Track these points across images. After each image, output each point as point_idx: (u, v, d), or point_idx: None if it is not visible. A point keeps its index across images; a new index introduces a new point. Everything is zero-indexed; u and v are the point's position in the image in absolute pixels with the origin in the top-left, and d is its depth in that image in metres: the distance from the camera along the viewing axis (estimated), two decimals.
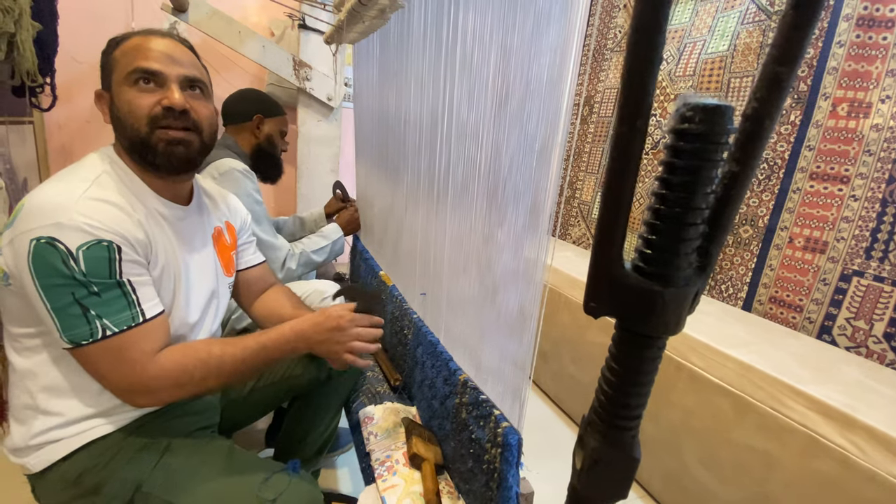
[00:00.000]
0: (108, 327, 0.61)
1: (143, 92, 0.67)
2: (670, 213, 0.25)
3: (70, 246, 0.58)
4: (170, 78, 0.69)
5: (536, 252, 0.65)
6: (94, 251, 0.60)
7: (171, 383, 0.66)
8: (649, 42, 0.22)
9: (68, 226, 0.58)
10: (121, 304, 0.62)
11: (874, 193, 1.22)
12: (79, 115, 2.13)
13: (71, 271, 0.58)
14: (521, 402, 0.69)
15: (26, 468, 0.67)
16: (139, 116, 0.67)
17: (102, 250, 0.60)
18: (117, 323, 0.62)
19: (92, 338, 0.60)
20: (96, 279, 0.60)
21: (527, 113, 0.66)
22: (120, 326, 0.62)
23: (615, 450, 0.30)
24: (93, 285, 0.60)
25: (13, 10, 1.18)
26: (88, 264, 0.59)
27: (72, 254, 0.58)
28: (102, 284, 0.61)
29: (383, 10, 1.08)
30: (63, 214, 0.59)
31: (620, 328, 0.29)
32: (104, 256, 0.61)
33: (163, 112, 0.68)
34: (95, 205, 0.62)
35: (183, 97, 0.69)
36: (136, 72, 0.67)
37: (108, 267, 0.61)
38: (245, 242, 0.98)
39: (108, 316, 0.61)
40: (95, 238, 0.60)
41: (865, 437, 0.87)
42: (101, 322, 0.61)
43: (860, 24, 1.25)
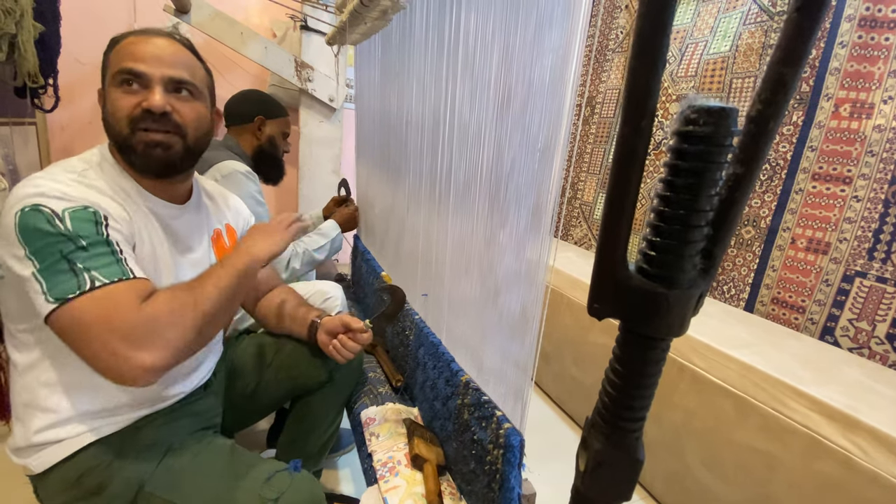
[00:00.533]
0: (97, 278, 0.57)
1: (126, 93, 0.67)
2: (674, 215, 0.25)
3: (55, 209, 0.58)
4: (153, 79, 0.67)
5: (538, 253, 0.65)
6: (79, 213, 0.59)
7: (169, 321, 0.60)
8: (654, 43, 0.22)
9: (52, 195, 0.59)
10: (108, 259, 0.60)
11: (876, 194, 1.22)
12: (81, 116, 2.14)
13: (57, 229, 0.57)
14: (523, 403, 0.69)
15: (28, 469, 0.67)
16: (120, 118, 0.67)
17: (88, 214, 0.60)
18: (107, 275, 0.58)
19: (79, 290, 0.56)
20: (84, 235, 0.58)
21: (529, 114, 0.66)
22: (110, 278, 0.58)
23: (619, 451, 0.30)
24: (80, 239, 0.58)
25: (14, 12, 1.19)
26: (75, 224, 0.58)
27: (57, 214, 0.58)
28: (90, 239, 0.59)
29: (385, 11, 1.08)
30: (46, 187, 0.59)
31: (624, 330, 0.29)
32: (90, 219, 0.60)
33: (142, 113, 0.67)
34: (79, 187, 0.63)
35: (164, 99, 0.68)
36: (122, 72, 0.67)
37: (95, 228, 0.60)
38: None
39: (96, 268, 0.58)
40: (81, 204, 0.60)
41: (868, 438, 0.87)
42: (89, 274, 0.57)
43: (862, 25, 1.25)
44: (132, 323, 0.58)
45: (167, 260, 0.74)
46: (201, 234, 0.83)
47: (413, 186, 1.11)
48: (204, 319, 0.64)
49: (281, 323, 1.01)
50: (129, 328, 0.57)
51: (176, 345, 0.61)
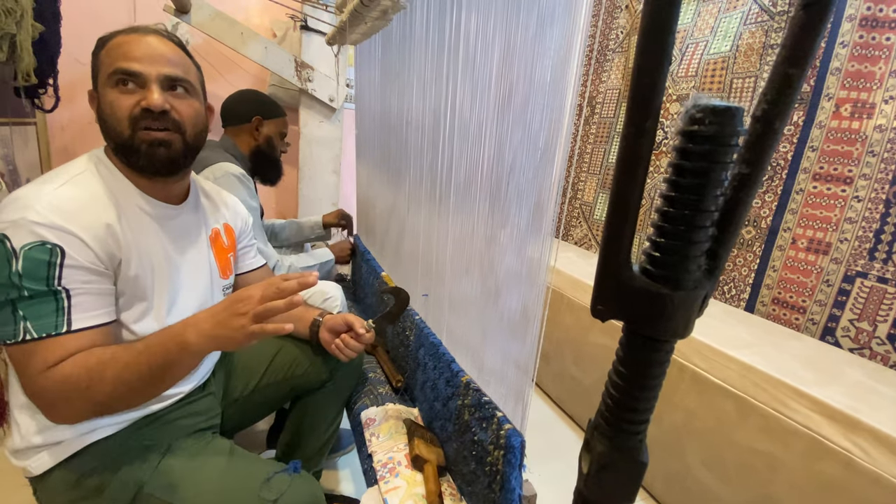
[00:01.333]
0: (29, 331, 0.59)
1: (123, 93, 0.67)
2: (679, 216, 0.25)
3: (15, 245, 0.58)
4: (150, 78, 0.67)
5: (539, 253, 0.64)
6: (34, 252, 0.59)
7: (60, 397, 0.60)
8: (659, 42, 0.22)
9: (20, 223, 0.58)
10: (48, 309, 0.60)
11: (877, 194, 1.22)
12: (81, 116, 2.13)
13: (9, 271, 0.58)
14: (523, 403, 0.69)
15: (28, 471, 0.67)
16: (120, 118, 0.67)
17: (43, 252, 0.59)
18: (38, 328, 0.59)
19: (14, 339, 0.59)
20: (30, 283, 0.59)
21: (530, 113, 0.65)
22: (39, 333, 0.59)
23: (622, 454, 0.30)
24: (24, 289, 0.58)
25: (15, 12, 1.18)
26: (25, 265, 0.58)
27: (15, 252, 0.58)
28: (34, 290, 0.59)
29: (385, 11, 1.07)
30: (22, 212, 0.59)
31: (628, 331, 0.29)
32: (43, 259, 0.59)
33: (141, 113, 0.67)
34: (59, 202, 0.62)
35: (162, 97, 0.67)
36: (117, 72, 0.66)
37: (47, 271, 0.59)
38: (246, 246, 0.98)
39: (32, 319, 0.59)
40: (40, 240, 0.59)
41: (869, 439, 0.86)
42: (24, 325, 0.59)
43: (863, 25, 1.25)
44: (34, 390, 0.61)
45: (164, 262, 0.73)
46: (199, 234, 0.83)
47: (413, 186, 1.11)
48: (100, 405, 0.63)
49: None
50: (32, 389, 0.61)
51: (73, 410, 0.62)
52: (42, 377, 0.59)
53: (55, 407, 0.61)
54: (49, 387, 0.60)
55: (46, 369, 0.59)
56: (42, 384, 0.60)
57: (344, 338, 0.92)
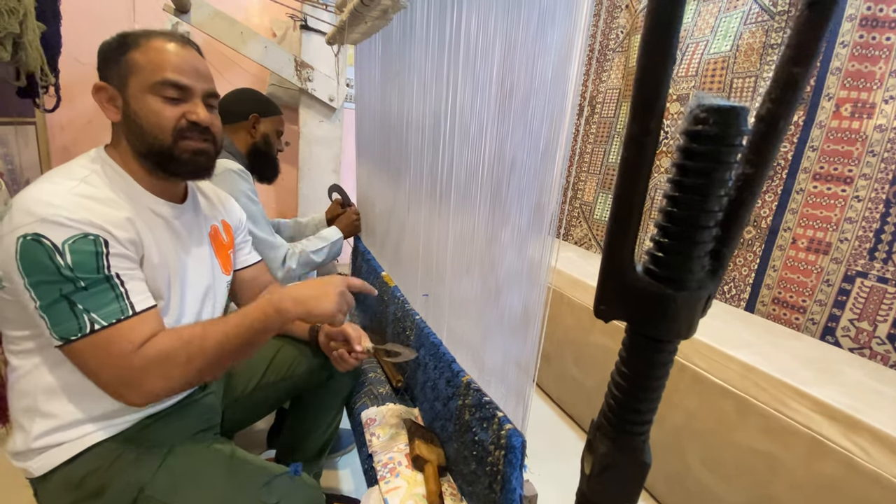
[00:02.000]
0: (97, 321, 0.60)
1: (168, 103, 0.69)
2: (683, 216, 0.25)
3: (55, 241, 0.58)
4: (196, 93, 0.71)
5: (540, 253, 0.64)
6: (80, 244, 0.59)
7: (157, 373, 0.62)
8: (663, 41, 0.22)
9: (53, 221, 0.58)
10: (108, 297, 0.61)
11: (878, 194, 1.22)
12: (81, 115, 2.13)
13: (57, 267, 0.58)
14: (524, 403, 0.69)
15: (29, 472, 0.67)
16: (165, 128, 0.69)
17: (88, 244, 0.60)
18: (105, 316, 0.60)
19: (80, 333, 0.59)
20: (83, 273, 0.59)
21: (530, 113, 0.65)
22: (108, 320, 0.60)
23: (625, 455, 0.30)
24: (80, 280, 0.59)
25: (18, 11, 1.18)
26: (75, 258, 0.58)
27: (58, 248, 0.58)
28: (90, 279, 0.59)
29: (386, 10, 1.07)
30: (47, 210, 0.58)
31: (631, 332, 0.29)
32: (90, 250, 0.60)
33: (188, 125, 0.71)
34: (81, 201, 0.62)
35: (206, 113, 0.72)
36: (166, 84, 0.68)
37: (96, 261, 0.60)
38: (241, 242, 0.98)
39: (96, 310, 0.60)
40: (81, 232, 0.59)
41: (869, 438, 0.86)
42: (88, 316, 0.59)
43: (864, 25, 1.25)
44: (126, 372, 0.61)
45: (174, 260, 0.74)
46: (201, 231, 0.83)
47: (414, 186, 1.11)
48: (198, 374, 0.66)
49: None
50: (123, 376, 0.62)
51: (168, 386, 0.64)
52: (135, 356, 0.61)
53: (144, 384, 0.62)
54: (145, 365, 0.61)
55: (136, 349, 0.61)
56: (136, 363, 0.61)
57: (342, 353, 0.93)
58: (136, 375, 0.62)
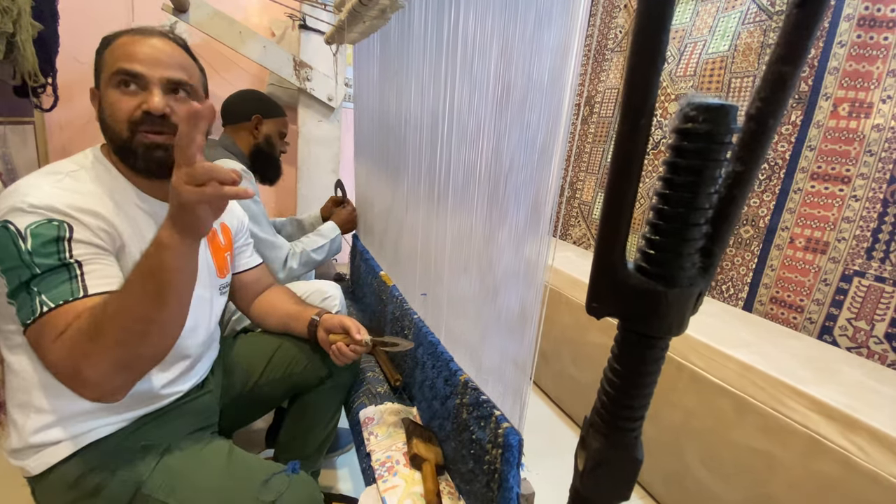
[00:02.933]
0: (45, 303, 0.57)
1: (124, 94, 0.66)
2: (674, 213, 0.25)
3: (20, 226, 0.58)
4: (151, 81, 0.67)
5: (537, 252, 0.65)
6: (41, 229, 0.58)
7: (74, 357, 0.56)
8: (653, 40, 0.22)
9: (20, 209, 0.58)
10: (61, 279, 0.59)
11: (875, 194, 1.22)
12: (80, 115, 2.13)
13: (19, 251, 0.57)
14: (521, 402, 0.69)
15: (26, 470, 0.67)
16: (119, 119, 0.66)
17: (51, 229, 0.59)
18: (53, 298, 0.58)
19: (33, 316, 0.57)
20: (41, 258, 0.58)
21: (528, 112, 0.65)
22: (56, 301, 0.57)
23: (618, 451, 0.30)
24: (36, 266, 0.58)
25: (11, 10, 1.18)
26: (34, 242, 0.58)
27: (21, 234, 0.58)
28: (46, 264, 0.58)
29: (384, 10, 1.07)
30: (17, 199, 0.59)
31: (623, 329, 0.29)
32: (52, 235, 0.59)
33: (142, 116, 0.66)
34: (55, 192, 0.62)
35: (164, 101, 0.67)
36: (119, 73, 0.66)
37: (56, 245, 0.59)
38: (242, 245, 0.98)
39: (46, 292, 0.58)
40: (45, 218, 0.59)
41: (867, 437, 0.86)
42: (40, 299, 0.57)
43: (861, 25, 1.25)
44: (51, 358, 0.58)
45: None
46: None
47: (412, 185, 1.11)
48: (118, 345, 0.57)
49: (279, 322, 1.01)
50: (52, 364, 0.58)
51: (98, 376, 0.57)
52: (55, 346, 0.57)
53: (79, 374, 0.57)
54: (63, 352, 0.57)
55: (58, 337, 0.57)
56: (57, 353, 0.57)
57: (340, 346, 0.92)
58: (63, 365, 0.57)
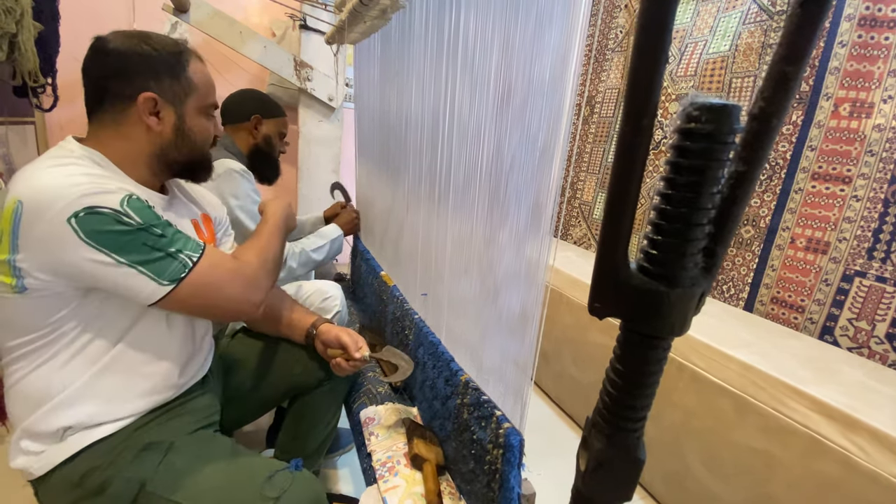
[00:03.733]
0: (191, 256, 0.65)
1: (209, 121, 0.80)
2: (676, 214, 0.25)
3: (112, 206, 0.60)
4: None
5: (538, 252, 0.64)
6: (133, 203, 0.62)
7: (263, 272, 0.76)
8: (655, 40, 0.22)
9: (94, 193, 0.59)
10: (181, 236, 0.67)
11: (876, 194, 1.22)
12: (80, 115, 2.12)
13: (129, 225, 0.61)
14: (522, 402, 0.69)
15: (29, 473, 0.67)
16: (206, 141, 0.80)
17: (138, 201, 0.63)
18: (194, 248, 0.66)
19: (186, 269, 0.64)
20: (153, 223, 0.63)
21: (529, 113, 0.65)
22: (197, 251, 0.66)
23: (620, 451, 0.30)
24: (154, 228, 0.63)
25: (14, 11, 1.18)
26: (139, 214, 0.62)
27: (119, 211, 0.60)
28: (159, 225, 0.64)
29: (385, 10, 1.07)
30: (79, 189, 0.58)
31: (625, 329, 0.29)
32: (143, 206, 0.63)
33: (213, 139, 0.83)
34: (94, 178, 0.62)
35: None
36: (212, 107, 0.80)
37: (150, 211, 0.64)
38: (223, 236, 0.98)
39: (183, 248, 0.65)
40: (126, 192, 0.62)
41: (868, 438, 0.86)
42: (183, 254, 0.65)
43: (862, 24, 1.25)
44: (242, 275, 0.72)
45: None
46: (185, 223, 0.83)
47: (412, 185, 1.11)
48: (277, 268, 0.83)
49: (277, 328, 1.00)
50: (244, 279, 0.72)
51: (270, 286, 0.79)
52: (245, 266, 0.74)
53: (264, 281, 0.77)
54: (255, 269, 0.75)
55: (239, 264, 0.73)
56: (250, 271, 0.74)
57: (339, 361, 0.92)
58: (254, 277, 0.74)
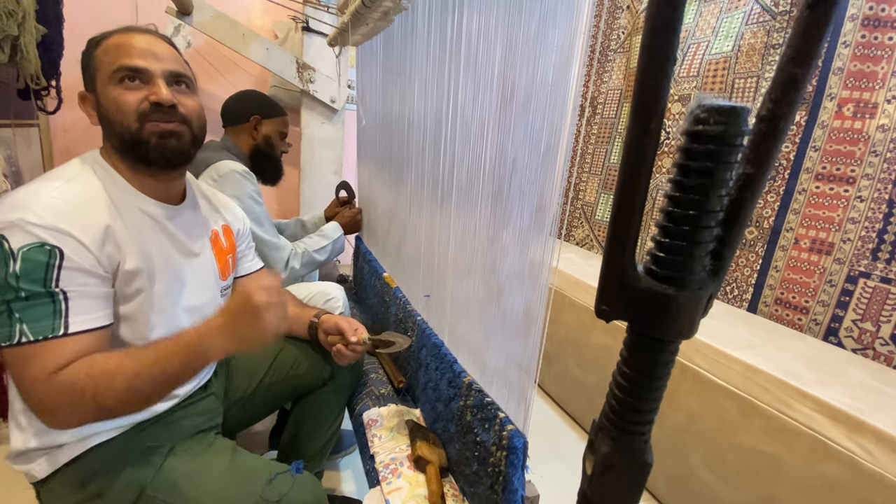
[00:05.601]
0: (25, 334, 0.58)
1: (129, 89, 0.67)
2: (684, 216, 0.25)
3: (14, 246, 0.58)
4: (155, 74, 0.68)
5: (542, 253, 0.64)
6: (32, 253, 0.58)
7: (66, 405, 0.59)
8: (664, 42, 0.22)
9: (18, 225, 0.58)
10: (45, 312, 0.59)
11: (880, 194, 1.22)
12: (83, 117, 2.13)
13: (6, 272, 0.57)
14: (526, 404, 0.69)
15: (32, 476, 0.67)
16: (127, 112, 0.67)
17: (42, 254, 0.59)
18: (35, 331, 0.58)
19: (9, 341, 0.57)
20: (27, 284, 0.58)
21: (532, 113, 0.65)
22: (36, 335, 0.58)
23: (627, 455, 0.30)
24: (21, 290, 0.58)
25: (16, 14, 1.19)
26: (23, 266, 0.57)
27: (13, 254, 0.57)
28: (31, 291, 0.58)
29: (387, 12, 1.08)
30: (20, 212, 0.58)
31: (633, 332, 0.29)
32: (41, 261, 0.58)
33: (151, 107, 0.67)
34: (56, 204, 0.61)
35: (170, 92, 0.69)
36: (121, 70, 0.67)
37: (44, 272, 0.59)
38: (245, 248, 0.98)
39: (28, 322, 0.58)
40: (39, 241, 0.58)
41: (873, 439, 0.86)
42: (20, 327, 0.58)
43: (866, 25, 1.25)
44: (36, 395, 0.59)
45: (163, 262, 0.73)
46: (201, 235, 0.82)
47: (415, 186, 1.11)
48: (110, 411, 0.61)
49: None
50: (32, 394, 0.59)
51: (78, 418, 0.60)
52: (44, 383, 0.58)
53: (56, 413, 0.59)
54: (52, 394, 0.58)
55: (48, 375, 0.58)
56: (44, 390, 0.58)
57: (339, 347, 0.93)
58: (45, 402, 0.59)
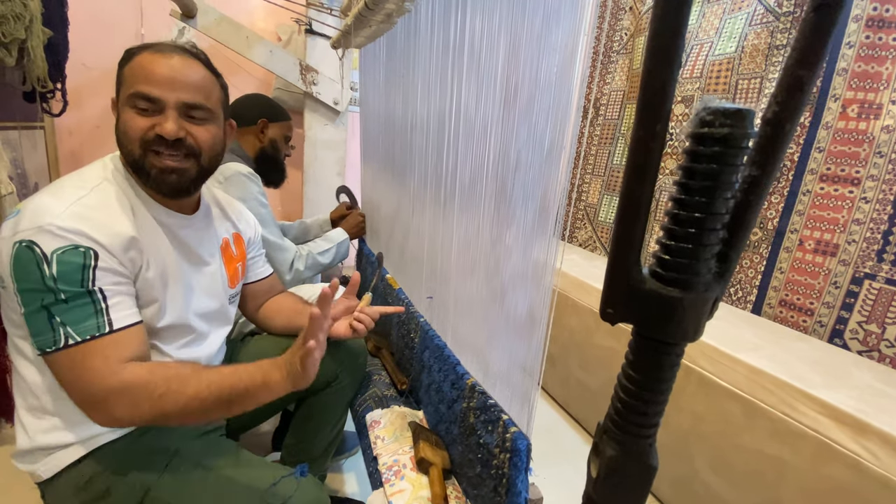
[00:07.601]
0: (71, 336, 0.59)
1: (139, 115, 0.67)
2: (689, 218, 0.25)
3: (46, 250, 0.58)
4: (168, 104, 0.67)
5: (545, 255, 0.64)
6: (67, 256, 0.59)
7: (127, 400, 0.60)
8: (669, 45, 0.22)
9: (48, 230, 0.58)
10: (87, 312, 0.60)
11: (885, 195, 1.21)
12: (89, 120, 2.15)
13: (43, 276, 0.57)
14: (529, 406, 0.69)
15: (36, 475, 0.67)
16: (133, 138, 0.67)
17: (77, 255, 0.59)
18: (81, 332, 0.59)
19: (55, 346, 0.59)
20: (65, 286, 0.58)
21: (535, 114, 0.65)
22: (83, 336, 0.59)
23: (632, 458, 0.30)
24: (61, 292, 0.58)
25: (24, 17, 1.20)
26: (60, 269, 0.58)
27: (46, 257, 0.58)
28: (71, 292, 0.59)
29: (390, 14, 1.08)
30: (45, 219, 0.59)
31: (638, 335, 0.29)
32: (77, 262, 0.59)
33: (155, 138, 0.67)
34: (82, 212, 0.62)
35: (177, 126, 0.67)
36: (135, 96, 0.66)
37: (81, 273, 0.59)
38: (255, 255, 0.99)
39: (72, 324, 0.59)
40: (72, 243, 0.59)
41: (879, 442, 0.85)
42: (64, 330, 0.59)
43: (870, 25, 1.24)
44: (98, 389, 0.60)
45: (176, 270, 0.74)
46: (211, 244, 0.83)
47: (418, 188, 1.11)
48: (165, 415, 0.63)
49: (286, 320, 1.01)
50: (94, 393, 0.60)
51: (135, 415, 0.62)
52: (111, 377, 0.59)
53: (114, 406, 0.60)
54: (118, 385, 0.60)
55: (113, 369, 0.60)
56: (112, 384, 0.59)
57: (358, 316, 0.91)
58: (106, 396, 0.60)
